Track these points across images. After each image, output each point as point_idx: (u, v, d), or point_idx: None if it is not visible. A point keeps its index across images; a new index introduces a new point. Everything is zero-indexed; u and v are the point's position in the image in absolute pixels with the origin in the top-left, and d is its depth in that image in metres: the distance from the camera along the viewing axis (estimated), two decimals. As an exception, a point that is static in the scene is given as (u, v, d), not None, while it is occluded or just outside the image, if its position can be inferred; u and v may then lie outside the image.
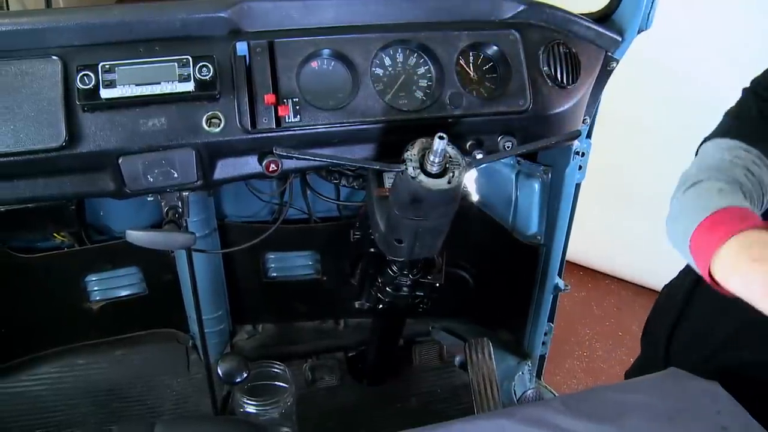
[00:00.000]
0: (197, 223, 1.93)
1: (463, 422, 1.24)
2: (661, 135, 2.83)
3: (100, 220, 1.99)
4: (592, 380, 2.93)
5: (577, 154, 1.75)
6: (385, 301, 1.76)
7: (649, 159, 2.91)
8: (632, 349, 3.06)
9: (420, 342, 2.38)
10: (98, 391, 2.18)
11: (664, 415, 1.20)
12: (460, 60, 1.43)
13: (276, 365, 2.07)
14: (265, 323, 2.41)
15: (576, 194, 1.85)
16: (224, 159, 1.37)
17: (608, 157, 2.29)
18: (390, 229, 1.38)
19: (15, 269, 1.96)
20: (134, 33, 1.28)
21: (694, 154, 1.26)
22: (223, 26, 1.32)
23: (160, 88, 1.25)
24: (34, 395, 2.14)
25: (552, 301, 2.09)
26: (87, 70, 1.22)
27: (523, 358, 2.25)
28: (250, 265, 2.23)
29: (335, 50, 1.37)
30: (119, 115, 1.25)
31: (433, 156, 1.19)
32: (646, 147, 2.94)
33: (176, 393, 2.22)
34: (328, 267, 2.27)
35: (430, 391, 2.30)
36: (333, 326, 2.44)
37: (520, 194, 1.95)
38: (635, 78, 2.28)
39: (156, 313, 2.24)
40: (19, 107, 1.20)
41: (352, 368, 2.32)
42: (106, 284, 2.14)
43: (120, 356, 2.24)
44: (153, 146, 1.28)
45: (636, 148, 2.96)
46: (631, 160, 2.99)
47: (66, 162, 1.24)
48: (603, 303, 3.37)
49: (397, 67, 1.42)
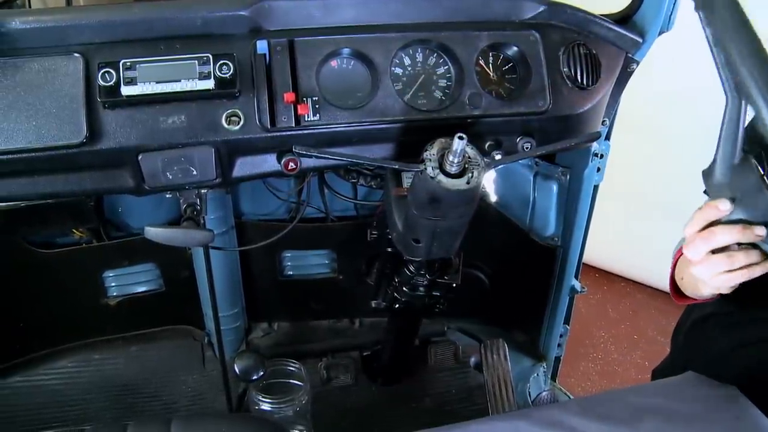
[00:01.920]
0: (215, 221, 1.94)
1: (480, 423, 1.24)
2: (680, 138, 2.81)
3: (118, 216, 2.00)
4: (607, 383, 2.92)
5: (595, 156, 1.74)
6: (402, 301, 1.76)
7: (667, 161, 2.89)
8: (648, 353, 3.05)
9: (435, 342, 2.37)
10: (114, 386, 2.19)
11: (682, 419, 1.20)
12: (479, 60, 1.43)
13: (291, 363, 2.07)
14: (280, 321, 2.41)
15: (594, 196, 1.84)
16: (243, 157, 1.37)
17: (626, 159, 2.27)
18: (408, 228, 1.38)
19: (34, 265, 1.98)
20: (155, 30, 1.28)
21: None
22: (243, 24, 1.32)
23: (181, 86, 1.25)
24: (51, 389, 2.15)
25: (568, 302, 2.08)
26: (108, 68, 1.22)
27: (539, 360, 2.25)
28: (267, 263, 2.24)
29: (355, 49, 1.37)
30: (139, 113, 1.26)
31: (453, 156, 1.18)
32: (664, 149, 2.92)
33: (191, 389, 2.23)
34: (344, 266, 2.28)
35: (445, 391, 2.29)
36: (348, 325, 2.44)
37: (538, 195, 1.94)
38: (656, 79, 2.26)
39: (172, 309, 2.26)
40: (41, 104, 1.20)
41: (367, 367, 2.32)
42: (123, 280, 2.16)
43: (136, 352, 2.25)
44: (172, 143, 1.28)
45: (654, 150, 2.94)
46: (649, 163, 2.97)
47: (86, 158, 1.25)
48: (619, 306, 3.35)
49: (416, 66, 1.42)
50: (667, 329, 3.06)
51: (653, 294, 3.37)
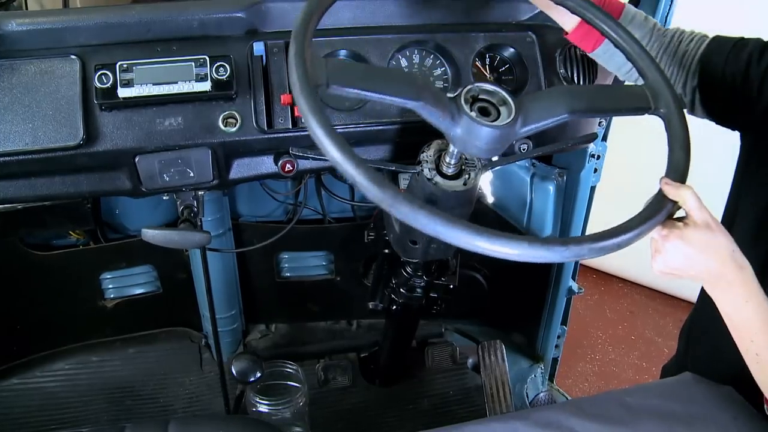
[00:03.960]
0: (212, 223, 1.94)
1: (476, 424, 1.24)
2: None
3: (115, 218, 2.00)
4: (605, 384, 2.92)
5: (592, 157, 1.74)
6: (399, 303, 1.76)
7: (664, 162, 2.89)
8: (645, 353, 3.05)
9: (433, 343, 2.37)
10: (112, 388, 2.19)
11: (679, 420, 1.20)
12: (476, 61, 1.43)
13: (289, 365, 2.07)
14: (278, 323, 2.41)
15: (591, 197, 1.84)
16: (240, 158, 1.38)
17: (623, 159, 2.27)
18: (405, 230, 1.38)
19: (31, 266, 1.98)
20: (152, 32, 1.28)
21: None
22: (240, 26, 1.32)
23: (177, 88, 1.25)
24: (48, 391, 2.15)
25: (565, 304, 2.08)
26: (105, 70, 1.22)
27: (536, 361, 2.25)
28: (264, 264, 2.24)
29: (352, 51, 1.37)
30: (136, 114, 1.26)
31: (449, 157, 1.19)
32: (661, 150, 2.92)
33: (189, 391, 2.22)
34: (341, 267, 2.28)
35: (443, 392, 2.29)
36: (346, 327, 2.44)
37: (534, 196, 1.94)
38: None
39: (170, 311, 2.25)
40: (38, 106, 1.20)
41: (365, 369, 2.32)
42: (120, 282, 2.16)
43: (133, 354, 2.25)
44: (169, 145, 1.28)
45: (650, 150, 2.94)
46: (646, 164, 2.97)
47: (83, 160, 1.25)
48: (616, 306, 3.35)
49: (413, 68, 1.42)
50: (664, 330, 3.08)
51: (651, 295, 3.37)
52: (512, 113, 1.02)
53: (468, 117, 1.00)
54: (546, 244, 0.89)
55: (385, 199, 0.85)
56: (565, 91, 1.17)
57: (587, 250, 0.90)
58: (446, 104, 1.01)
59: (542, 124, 1.05)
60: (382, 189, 0.85)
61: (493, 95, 1.04)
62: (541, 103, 1.06)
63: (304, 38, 0.98)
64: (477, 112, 1.02)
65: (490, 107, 1.03)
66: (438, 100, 1.01)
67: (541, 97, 1.11)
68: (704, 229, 0.97)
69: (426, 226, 0.85)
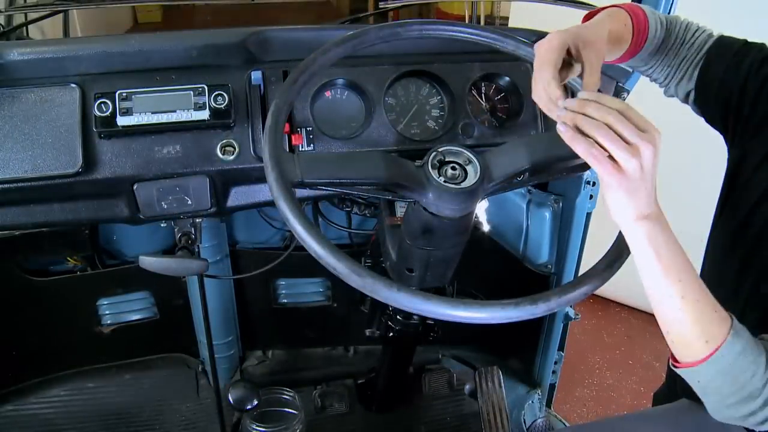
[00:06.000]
0: (209, 249, 1.94)
1: (474, 452, 1.24)
2: (672, 163, 2.83)
3: (112, 244, 2.00)
4: (602, 409, 2.91)
5: (588, 184, 1.75)
6: (395, 329, 1.76)
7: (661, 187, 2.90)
8: (643, 378, 3.04)
9: (430, 370, 2.36)
10: (108, 414, 2.18)
11: (676, 447, 1.20)
12: (472, 90, 1.45)
13: (285, 392, 2.06)
14: (275, 349, 2.40)
15: (587, 223, 1.85)
16: (238, 186, 1.38)
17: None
18: (401, 257, 1.38)
19: (28, 292, 1.98)
20: (151, 61, 1.30)
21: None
22: (238, 55, 1.34)
23: (176, 116, 1.27)
24: (44, 418, 2.13)
25: (562, 329, 2.08)
26: (104, 98, 1.24)
27: (533, 387, 2.24)
28: (261, 291, 2.24)
29: (349, 80, 1.38)
30: (135, 143, 1.27)
31: (445, 186, 1.19)
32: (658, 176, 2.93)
33: (185, 418, 2.21)
34: (338, 294, 2.28)
35: (440, 419, 2.28)
36: (343, 353, 2.43)
37: (531, 223, 1.95)
38: (644, 107, 2.28)
39: (166, 337, 2.25)
40: (37, 134, 1.22)
41: (362, 395, 2.31)
42: (117, 308, 2.15)
43: (130, 380, 2.24)
44: (168, 173, 1.29)
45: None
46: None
47: (82, 188, 1.26)
48: (613, 331, 3.35)
49: (409, 96, 1.43)
50: (662, 354, 3.06)
51: (648, 319, 3.37)
52: (478, 172, 1.08)
53: (436, 184, 1.06)
54: (518, 306, 1.04)
55: (366, 285, 0.92)
56: (524, 142, 1.21)
57: (555, 304, 1.00)
58: (415, 175, 1.08)
59: (506, 178, 1.12)
60: (361, 277, 0.92)
61: (459, 155, 1.10)
62: (503, 159, 1.13)
63: (275, 135, 1.04)
64: (445, 176, 1.08)
65: (458, 167, 1.09)
66: (408, 174, 1.08)
67: (502, 152, 1.16)
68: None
69: (410, 306, 0.94)
